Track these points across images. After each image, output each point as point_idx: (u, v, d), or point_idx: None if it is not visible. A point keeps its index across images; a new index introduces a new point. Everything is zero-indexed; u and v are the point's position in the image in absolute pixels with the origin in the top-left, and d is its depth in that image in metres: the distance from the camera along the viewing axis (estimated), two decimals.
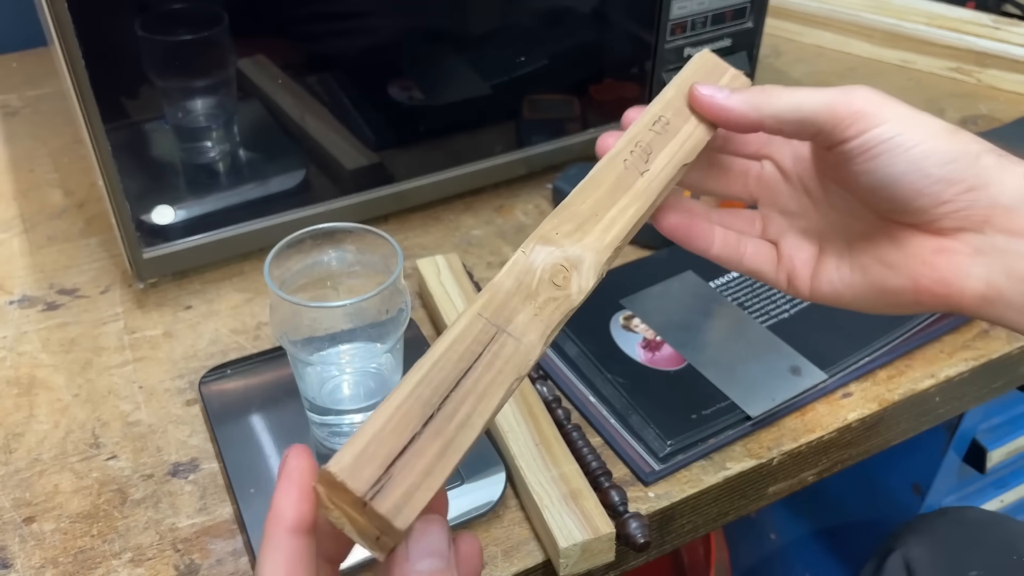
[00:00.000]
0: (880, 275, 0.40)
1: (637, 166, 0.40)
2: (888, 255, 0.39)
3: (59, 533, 0.47)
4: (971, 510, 0.61)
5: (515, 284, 0.35)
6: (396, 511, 0.28)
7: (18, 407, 0.54)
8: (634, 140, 0.41)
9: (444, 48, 0.63)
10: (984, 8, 0.98)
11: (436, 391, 0.31)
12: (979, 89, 0.90)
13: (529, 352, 0.33)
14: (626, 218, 0.38)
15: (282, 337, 0.45)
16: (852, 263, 0.41)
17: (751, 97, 0.40)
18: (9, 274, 0.65)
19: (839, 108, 0.37)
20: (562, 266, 0.36)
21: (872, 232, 0.40)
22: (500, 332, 0.33)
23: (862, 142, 0.37)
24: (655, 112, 0.42)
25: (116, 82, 0.54)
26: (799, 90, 0.39)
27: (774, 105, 0.39)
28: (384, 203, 0.67)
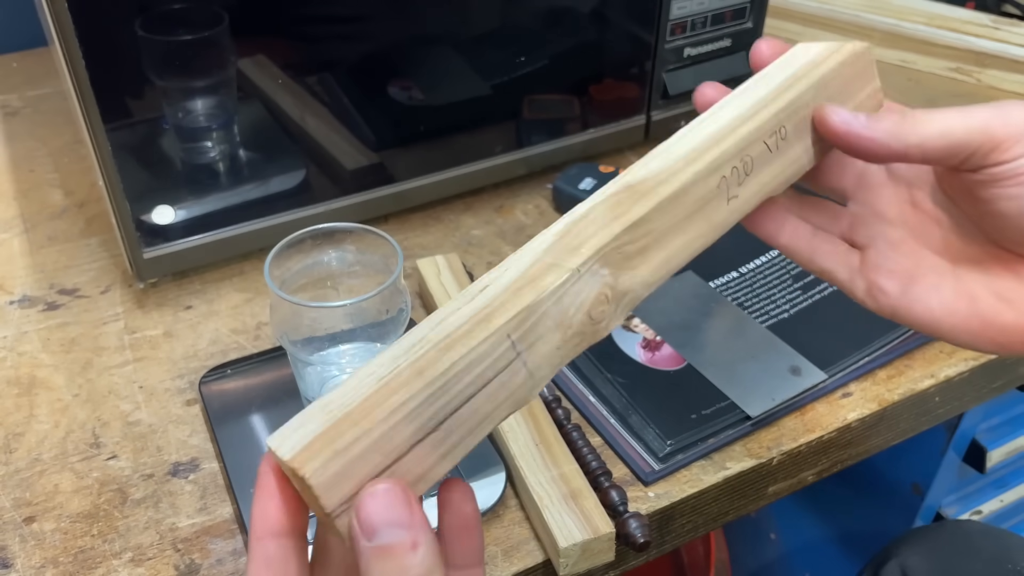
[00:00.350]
0: (993, 308, 0.36)
1: (730, 188, 0.34)
2: (1006, 288, 0.36)
3: (59, 533, 0.47)
4: (968, 522, 0.61)
5: (554, 303, 0.30)
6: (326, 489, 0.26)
7: (18, 407, 0.54)
8: (743, 151, 0.35)
9: (444, 48, 0.63)
10: (984, 8, 0.98)
11: (434, 416, 0.28)
12: (979, 89, 0.90)
13: (534, 387, 0.30)
14: (689, 251, 0.34)
15: (282, 337, 0.45)
16: (957, 288, 0.37)
17: (892, 126, 0.35)
18: (9, 274, 0.65)
19: (996, 129, 0.34)
20: (605, 296, 0.31)
21: (986, 260, 0.37)
22: (517, 359, 0.29)
23: (1011, 168, 0.34)
24: (779, 117, 0.35)
25: (116, 82, 0.54)
26: (944, 113, 0.35)
27: (921, 133, 0.35)
28: (384, 203, 0.67)
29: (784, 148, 0.36)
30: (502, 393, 0.29)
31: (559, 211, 0.71)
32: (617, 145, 0.76)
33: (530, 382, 0.30)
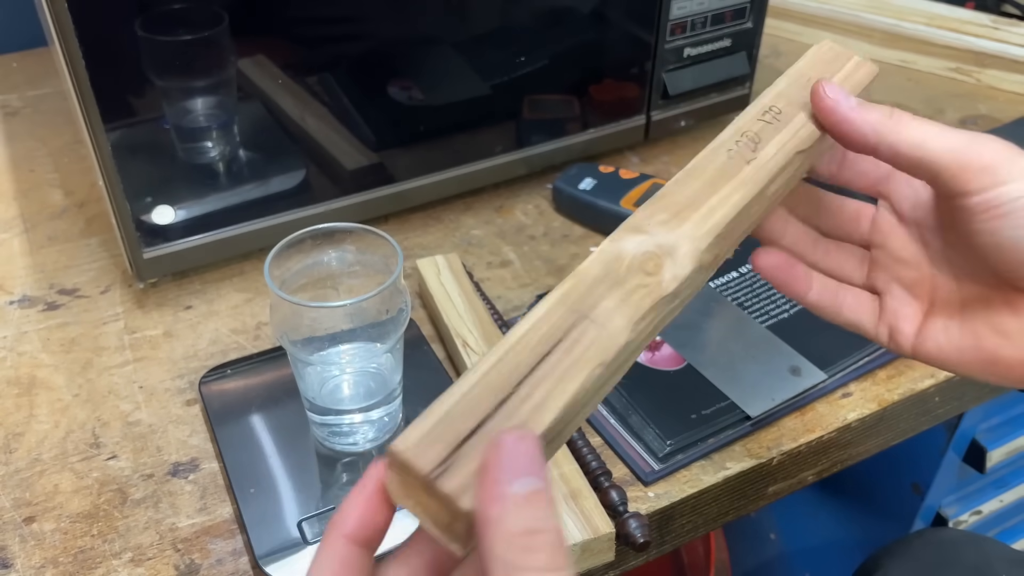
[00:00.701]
0: (993, 344, 0.37)
1: (743, 155, 0.37)
2: (1004, 323, 0.37)
3: (59, 533, 0.47)
4: (951, 531, 0.61)
5: (602, 272, 0.33)
6: (461, 491, 0.27)
7: (18, 407, 0.54)
8: (740, 131, 0.38)
9: (444, 48, 0.63)
10: (983, 8, 0.98)
11: (509, 377, 0.29)
12: (978, 89, 0.90)
13: (614, 337, 0.31)
14: (729, 205, 0.36)
15: (282, 337, 0.45)
16: (963, 326, 0.38)
17: (876, 119, 0.36)
18: (9, 274, 0.65)
19: (965, 157, 0.34)
20: (654, 254, 0.34)
21: (989, 296, 0.38)
22: (581, 318, 0.31)
23: (986, 199, 0.34)
24: (765, 103, 0.39)
25: (116, 82, 0.54)
26: (927, 125, 0.36)
27: (898, 135, 0.36)
28: (384, 203, 0.67)
29: (784, 119, 0.39)
30: (577, 348, 0.31)
31: (559, 211, 0.71)
32: (617, 145, 0.76)
33: (606, 333, 0.31)
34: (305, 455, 0.49)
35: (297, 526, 0.45)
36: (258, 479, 0.48)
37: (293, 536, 0.45)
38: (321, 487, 0.47)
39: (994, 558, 0.56)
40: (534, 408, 0.29)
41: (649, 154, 0.78)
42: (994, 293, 0.37)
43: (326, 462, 0.49)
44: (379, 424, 0.50)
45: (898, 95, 0.88)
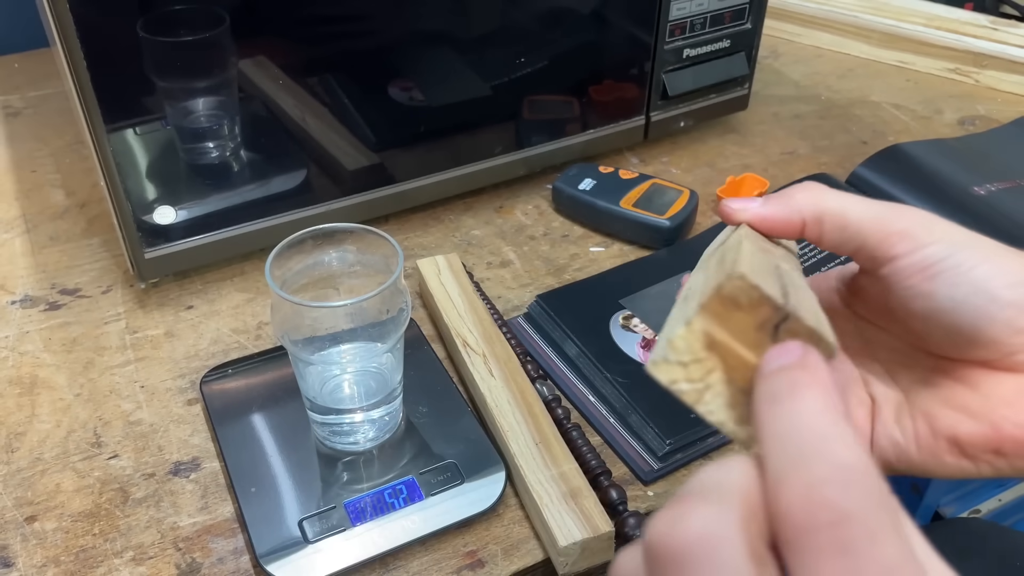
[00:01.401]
0: (952, 421, 0.34)
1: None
2: (960, 397, 0.34)
3: (61, 532, 0.47)
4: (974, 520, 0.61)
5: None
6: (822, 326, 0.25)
7: (20, 406, 0.54)
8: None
9: (444, 49, 0.64)
10: (982, 9, 0.99)
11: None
12: (977, 90, 0.90)
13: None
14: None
15: (283, 337, 0.45)
16: (914, 412, 0.36)
17: (793, 193, 0.36)
18: (11, 274, 0.65)
19: (886, 222, 0.34)
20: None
21: (935, 375, 0.35)
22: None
23: (914, 261, 0.33)
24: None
25: (118, 83, 0.54)
26: (845, 196, 0.35)
27: (821, 203, 0.35)
28: (384, 203, 0.67)
29: None
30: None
31: (559, 211, 0.71)
32: (617, 145, 0.76)
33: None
34: (306, 454, 0.49)
35: (298, 525, 0.45)
36: (259, 478, 0.48)
37: (294, 535, 0.45)
38: (322, 486, 0.47)
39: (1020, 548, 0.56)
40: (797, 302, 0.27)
41: (649, 154, 0.78)
42: (940, 372, 0.35)
43: (327, 461, 0.49)
44: (380, 423, 0.50)
45: (897, 96, 0.88)
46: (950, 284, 0.32)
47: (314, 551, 0.44)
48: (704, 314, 0.25)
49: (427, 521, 0.46)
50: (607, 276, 0.63)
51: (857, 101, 0.88)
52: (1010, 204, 0.69)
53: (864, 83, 0.91)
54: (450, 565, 0.45)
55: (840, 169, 0.76)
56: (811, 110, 0.86)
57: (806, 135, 0.82)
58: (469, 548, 0.46)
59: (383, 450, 0.49)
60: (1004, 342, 0.32)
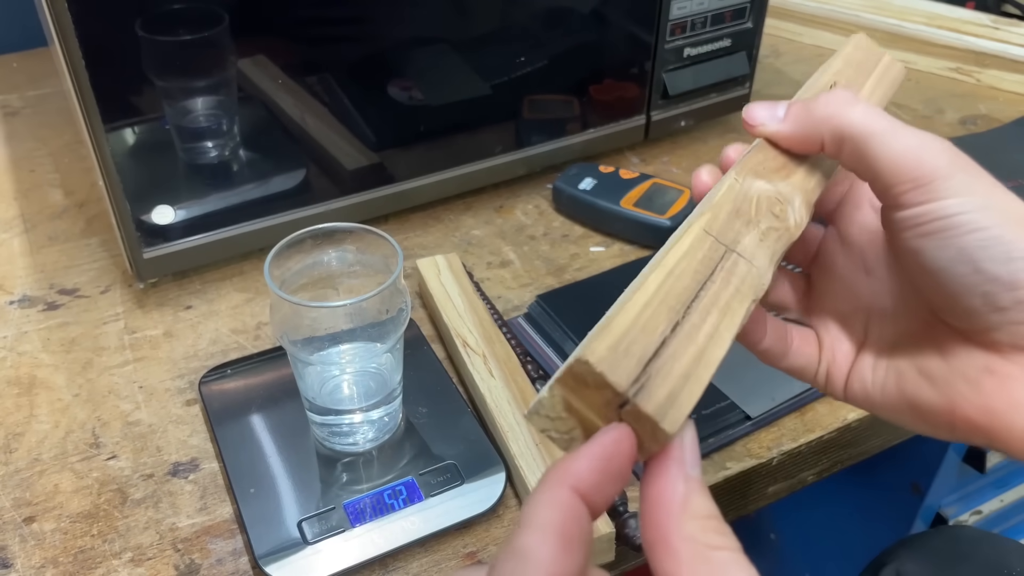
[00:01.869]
0: (915, 387, 0.34)
1: None
2: (928, 364, 0.34)
3: (59, 533, 0.47)
4: (964, 528, 0.61)
5: (734, 208, 0.33)
6: (663, 412, 0.25)
7: (18, 407, 0.54)
8: None
9: (444, 48, 0.63)
10: (984, 8, 0.98)
11: (678, 299, 0.29)
12: (979, 89, 0.90)
13: (762, 275, 0.31)
14: (826, 165, 0.37)
15: (282, 337, 0.45)
16: (889, 366, 0.36)
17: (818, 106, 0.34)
18: (10, 274, 0.65)
19: (906, 163, 0.31)
20: (777, 199, 0.34)
21: (919, 333, 0.35)
22: (729, 252, 0.31)
23: (917, 213, 0.31)
24: (827, 80, 0.40)
25: (116, 82, 0.54)
26: (873, 117, 0.33)
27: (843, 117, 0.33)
28: (384, 203, 0.67)
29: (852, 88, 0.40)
30: (734, 280, 0.31)
31: (559, 211, 0.71)
32: (617, 145, 0.76)
33: (755, 271, 0.31)
34: (305, 455, 0.49)
35: (297, 526, 0.45)
36: (258, 479, 0.48)
37: (293, 536, 0.45)
38: (321, 487, 0.47)
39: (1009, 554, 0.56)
40: (708, 337, 0.28)
41: (649, 154, 0.78)
42: (924, 331, 0.35)
43: (326, 462, 0.49)
44: (379, 424, 0.50)
45: (899, 95, 0.88)
46: (939, 245, 0.30)
47: (313, 552, 0.44)
48: (559, 385, 0.27)
49: (427, 522, 0.46)
50: (607, 276, 0.63)
51: None
52: None
53: None
54: (450, 566, 0.45)
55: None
56: None
57: None
58: (469, 549, 0.46)
59: (383, 451, 0.49)
60: (982, 317, 0.31)
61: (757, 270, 0.31)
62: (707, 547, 0.25)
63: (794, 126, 0.35)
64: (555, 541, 0.24)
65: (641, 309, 0.28)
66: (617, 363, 0.26)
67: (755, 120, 0.37)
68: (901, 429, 0.58)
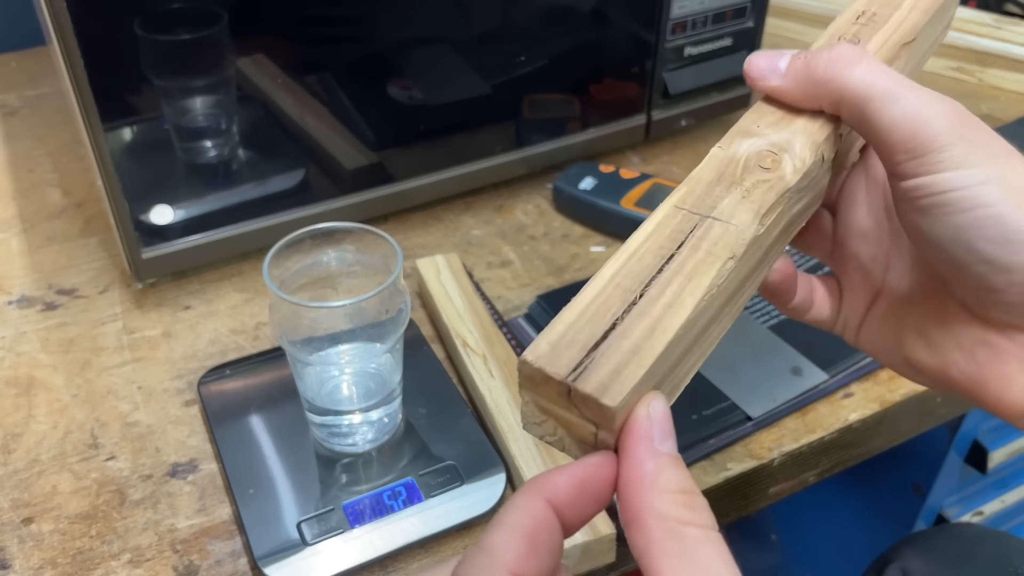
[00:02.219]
0: (912, 346, 0.34)
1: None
2: (927, 326, 0.33)
3: (58, 534, 0.46)
4: (970, 525, 0.61)
5: (716, 175, 0.32)
6: (603, 388, 0.26)
7: (17, 407, 0.54)
8: (837, 34, 0.37)
9: (444, 48, 0.63)
10: (985, 7, 0.98)
11: (636, 279, 0.29)
12: (980, 89, 0.90)
13: (742, 232, 0.30)
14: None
15: (281, 337, 0.45)
16: (895, 321, 0.35)
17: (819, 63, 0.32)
18: (8, 274, 0.64)
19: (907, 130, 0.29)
20: (769, 152, 0.33)
21: (928, 293, 0.34)
22: (704, 219, 0.31)
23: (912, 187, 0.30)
24: (856, 9, 0.38)
25: (115, 82, 0.54)
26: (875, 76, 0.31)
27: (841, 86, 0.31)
28: (384, 203, 0.66)
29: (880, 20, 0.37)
30: (704, 244, 0.30)
31: (559, 211, 0.70)
32: (617, 145, 0.76)
33: (733, 228, 0.30)
34: (304, 456, 0.49)
35: (296, 527, 0.45)
36: (257, 480, 0.47)
37: (292, 537, 0.44)
38: (320, 488, 0.47)
39: (1015, 552, 0.56)
40: (666, 307, 0.28)
41: (650, 154, 0.78)
42: (932, 292, 0.34)
43: (325, 463, 0.49)
44: (379, 425, 0.49)
45: None
46: (933, 221, 0.29)
47: (312, 553, 0.44)
48: (525, 391, 0.28)
49: (427, 523, 0.45)
50: None
51: None
52: None
53: None
54: (450, 566, 0.45)
55: None
56: None
57: None
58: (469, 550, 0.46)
59: (382, 451, 0.49)
60: (975, 294, 0.30)
61: (736, 228, 0.30)
62: (678, 523, 0.24)
63: (794, 84, 0.34)
64: (522, 543, 0.25)
65: (593, 298, 0.28)
66: (557, 355, 0.26)
67: (755, 71, 0.35)
68: (902, 430, 0.58)
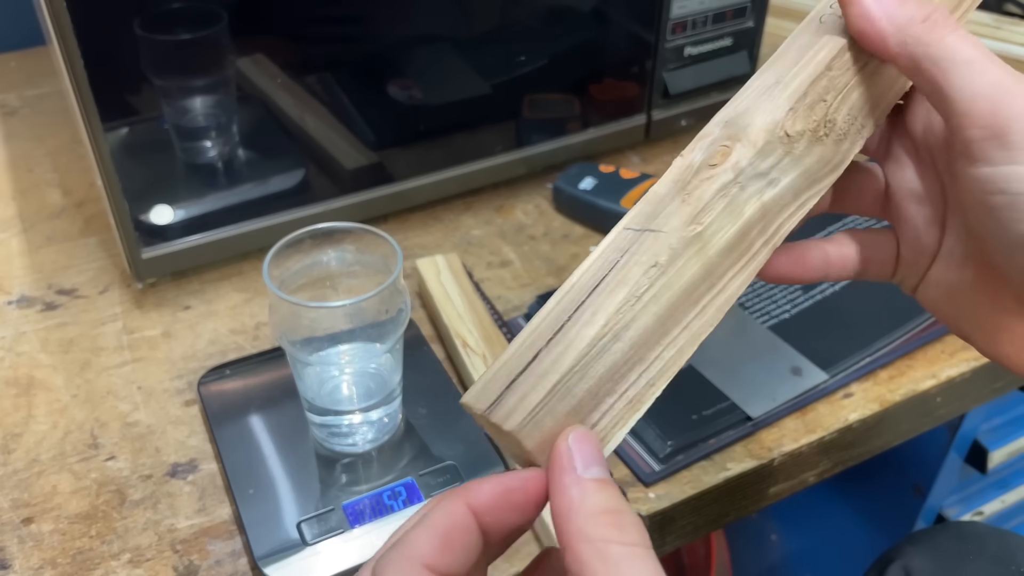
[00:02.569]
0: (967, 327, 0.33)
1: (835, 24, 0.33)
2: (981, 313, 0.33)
3: (58, 534, 0.46)
4: (973, 524, 0.61)
5: (671, 187, 0.32)
6: (507, 415, 0.28)
7: (16, 407, 0.54)
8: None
9: (444, 47, 0.63)
10: (985, 7, 0.98)
11: (567, 308, 0.29)
12: None
13: (669, 237, 0.30)
14: (814, 63, 0.33)
15: (281, 337, 0.45)
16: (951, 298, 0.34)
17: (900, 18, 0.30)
18: (7, 274, 0.64)
19: (986, 109, 0.28)
20: (722, 145, 0.32)
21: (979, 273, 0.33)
22: (643, 233, 0.30)
23: (981, 176, 0.28)
24: None
25: (115, 81, 0.54)
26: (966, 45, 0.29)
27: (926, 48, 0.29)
28: (384, 203, 0.66)
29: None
30: (632, 259, 0.30)
31: (559, 211, 0.70)
32: (617, 144, 0.76)
33: (663, 236, 0.30)
34: (304, 456, 0.49)
35: (296, 527, 0.45)
36: (257, 480, 0.47)
37: (292, 537, 0.44)
38: (320, 488, 0.47)
39: (1018, 551, 0.56)
40: (582, 326, 0.29)
41: (650, 153, 0.78)
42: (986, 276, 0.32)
43: (325, 463, 0.49)
44: (378, 425, 0.49)
45: None
46: (997, 218, 0.28)
47: (312, 553, 0.44)
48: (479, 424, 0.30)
49: None
50: None
51: None
52: None
53: None
54: None
55: None
56: None
57: None
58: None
59: (382, 451, 0.49)
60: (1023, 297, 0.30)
61: (664, 234, 0.30)
62: (604, 542, 0.25)
63: (878, 29, 0.31)
64: (437, 540, 0.27)
65: (528, 334, 0.29)
66: (485, 392, 0.29)
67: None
68: (902, 430, 0.58)
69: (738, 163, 0.32)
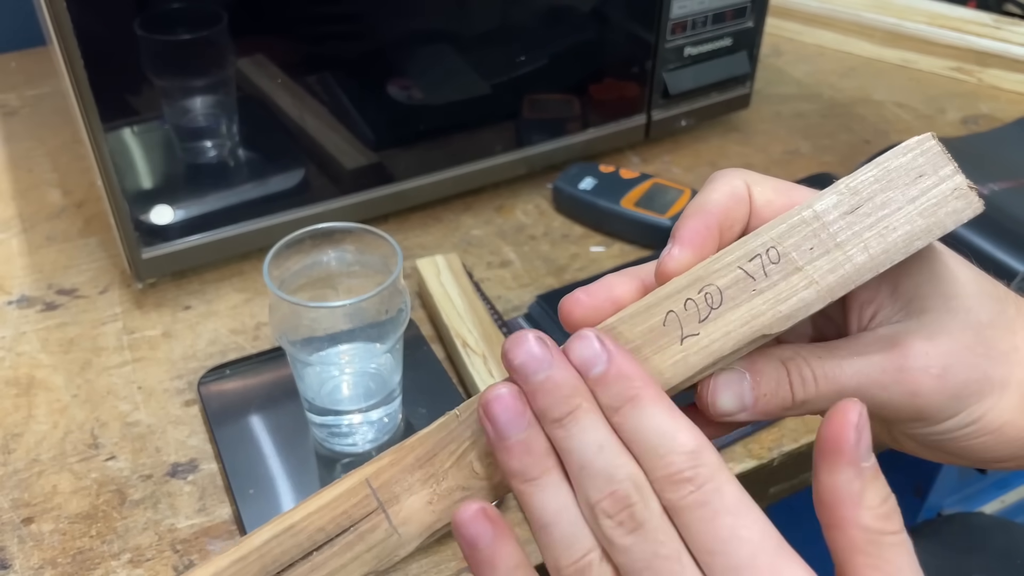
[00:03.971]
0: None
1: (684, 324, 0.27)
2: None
3: (58, 534, 0.46)
4: (976, 515, 0.61)
5: (428, 452, 0.28)
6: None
7: (17, 407, 0.54)
8: (701, 280, 0.26)
9: (444, 47, 0.63)
10: (985, 7, 0.98)
11: (278, 559, 0.27)
12: (980, 89, 0.90)
13: (399, 547, 0.28)
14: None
15: (281, 337, 0.45)
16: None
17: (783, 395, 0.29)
18: (8, 274, 0.64)
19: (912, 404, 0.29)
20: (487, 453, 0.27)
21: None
22: (379, 511, 0.27)
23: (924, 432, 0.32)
24: (764, 240, 0.26)
25: (115, 81, 0.54)
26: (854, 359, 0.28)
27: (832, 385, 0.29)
28: (384, 203, 0.66)
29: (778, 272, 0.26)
30: (359, 546, 0.27)
31: (559, 211, 0.70)
32: (617, 145, 0.76)
33: (394, 540, 0.28)
34: (304, 456, 0.49)
35: None
36: (257, 480, 0.47)
37: None
38: (320, 488, 0.47)
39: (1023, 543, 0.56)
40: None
41: (650, 153, 0.78)
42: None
43: (325, 463, 0.49)
44: (378, 425, 0.49)
45: (900, 95, 0.88)
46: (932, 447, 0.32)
47: None
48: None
49: None
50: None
51: (860, 100, 0.87)
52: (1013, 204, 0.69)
53: (867, 82, 0.91)
54: (449, 568, 0.45)
55: (842, 168, 0.76)
56: (813, 109, 0.86)
57: (808, 134, 0.82)
58: None
59: (382, 451, 0.49)
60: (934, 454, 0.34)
61: (396, 540, 0.27)
62: (880, 533, 0.27)
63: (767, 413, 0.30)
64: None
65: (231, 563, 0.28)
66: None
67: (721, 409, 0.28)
68: None
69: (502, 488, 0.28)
